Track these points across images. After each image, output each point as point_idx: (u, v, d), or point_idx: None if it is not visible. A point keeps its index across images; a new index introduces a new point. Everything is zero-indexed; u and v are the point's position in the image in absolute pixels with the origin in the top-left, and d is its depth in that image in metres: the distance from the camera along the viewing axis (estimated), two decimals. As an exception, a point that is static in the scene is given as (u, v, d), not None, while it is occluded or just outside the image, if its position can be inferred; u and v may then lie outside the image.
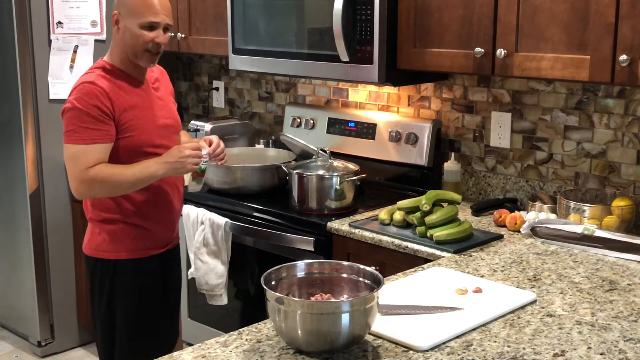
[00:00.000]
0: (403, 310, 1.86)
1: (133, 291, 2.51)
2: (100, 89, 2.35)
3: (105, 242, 2.49)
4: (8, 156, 3.89)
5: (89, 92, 2.34)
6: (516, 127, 2.95)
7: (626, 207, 2.53)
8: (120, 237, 2.48)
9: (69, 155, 2.35)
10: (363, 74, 2.84)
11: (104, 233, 2.49)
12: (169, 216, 2.57)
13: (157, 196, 2.50)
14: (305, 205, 2.88)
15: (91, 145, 2.32)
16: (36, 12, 3.72)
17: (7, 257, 4.06)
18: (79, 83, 2.39)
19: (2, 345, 4.09)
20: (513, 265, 2.27)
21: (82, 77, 2.43)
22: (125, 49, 2.41)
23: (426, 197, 2.53)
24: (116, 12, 2.41)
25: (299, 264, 1.81)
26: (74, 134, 2.32)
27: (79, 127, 2.32)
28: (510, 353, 1.67)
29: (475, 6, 2.57)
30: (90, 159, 2.31)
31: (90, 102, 2.32)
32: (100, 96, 2.34)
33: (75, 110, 2.33)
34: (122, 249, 2.48)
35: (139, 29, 2.38)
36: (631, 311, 1.91)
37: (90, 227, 2.54)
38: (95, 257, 2.51)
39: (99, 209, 2.48)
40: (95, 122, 2.32)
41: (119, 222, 2.47)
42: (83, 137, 2.31)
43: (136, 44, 2.39)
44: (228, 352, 1.67)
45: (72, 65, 3.86)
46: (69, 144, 2.34)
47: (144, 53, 2.41)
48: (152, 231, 2.51)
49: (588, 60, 2.33)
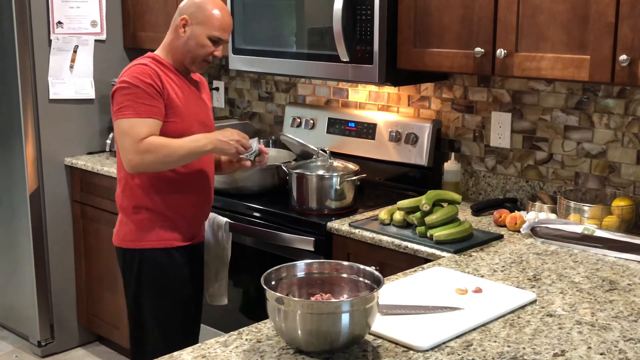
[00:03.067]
0: (403, 310, 1.86)
1: (158, 280, 2.56)
2: (153, 70, 2.44)
3: (132, 231, 2.55)
4: (8, 156, 3.89)
5: (142, 71, 2.42)
6: (516, 127, 2.95)
7: (626, 207, 2.53)
8: (147, 227, 2.53)
9: (122, 129, 2.39)
10: (363, 74, 2.84)
11: (131, 223, 2.55)
12: (196, 212, 2.64)
13: (187, 186, 2.55)
14: (305, 205, 2.88)
15: (145, 119, 2.38)
16: (36, 12, 3.72)
17: (7, 257, 4.06)
18: (130, 66, 2.47)
19: (2, 345, 4.10)
20: (513, 265, 2.27)
21: (131, 63, 2.50)
22: (185, 53, 2.51)
23: (426, 197, 2.53)
24: (186, 17, 2.49)
25: (299, 264, 1.81)
26: (129, 109, 2.38)
27: (134, 102, 2.38)
28: (510, 353, 1.67)
29: (475, 6, 2.57)
30: (143, 131, 2.37)
31: (145, 80, 2.40)
32: (153, 76, 2.42)
33: (130, 88, 2.39)
34: (147, 238, 2.54)
35: (206, 40, 2.49)
36: (631, 311, 1.91)
37: (120, 216, 2.61)
38: (123, 248, 2.58)
39: (128, 196, 2.54)
40: (149, 99, 2.39)
41: (146, 211, 2.52)
42: (138, 111, 2.38)
43: (199, 52, 2.50)
44: (228, 352, 1.67)
45: (72, 65, 3.86)
46: (123, 119, 2.39)
47: (202, 62, 2.54)
48: (180, 222, 2.56)
49: (588, 60, 2.33)
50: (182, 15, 2.51)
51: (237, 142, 2.49)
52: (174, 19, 2.55)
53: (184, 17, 2.50)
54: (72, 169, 3.89)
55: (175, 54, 2.54)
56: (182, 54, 2.52)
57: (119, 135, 2.41)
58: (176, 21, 2.53)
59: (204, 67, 2.57)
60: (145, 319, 2.61)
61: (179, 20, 2.51)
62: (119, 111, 2.40)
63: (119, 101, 2.41)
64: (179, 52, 2.53)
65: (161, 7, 3.79)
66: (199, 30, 2.49)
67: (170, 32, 2.55)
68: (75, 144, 3.93)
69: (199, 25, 2.49)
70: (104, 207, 3.76)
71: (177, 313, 2.62)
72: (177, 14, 2.54)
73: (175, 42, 2.53)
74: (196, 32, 2.49)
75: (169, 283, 2.58)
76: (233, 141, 2.48)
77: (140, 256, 2.56)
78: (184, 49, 2.51)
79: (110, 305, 3.85)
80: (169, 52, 2.54)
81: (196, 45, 2.50)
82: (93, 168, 3.74)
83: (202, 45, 2.50)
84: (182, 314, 2.64)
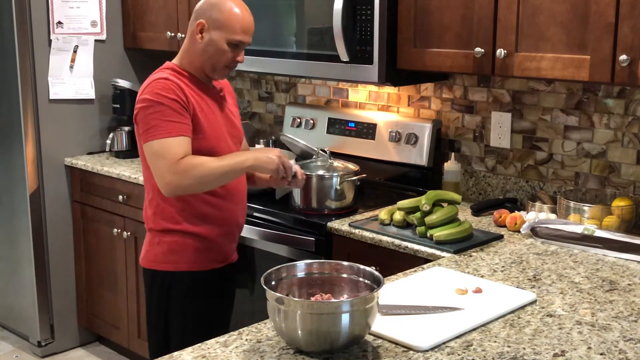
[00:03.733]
0: (403, 310, 1.86)
1: (189, 304, 2.42)
2: (175, 84, 2.27)
3: (163, 253, 2.39)
4: (8, 156, 3.89)
5: (165, 87, 2.25)
6: (516, 127, 2.95)
7: (626, 207, 2.53)
8: (180, 249, 2.38)
9: (155, 152, 2.23)
10: (363, 74, 2.84)
11: (163, 244, 2.39)
12: (231, 230, 2.48)
13: (221, 209, 2.41)
14: (306, 205, 2.88)
15: (177, 137, 2.22)
16: (36, 12, 3.72)
17: (7, 257, 4.06)
18: (151, 81, 2.29)
19: (2, 345, 4.10)
20: (513, 265, 2.27)
21: (150, 77, 2.33)
22: (205, 60, 2.33)
23: (426, 197, 2.53)
24: (203, 22, 2.30)
25: (299, 264, 1.81)
26: (158, 129, 2.22)
27: (162, 121, 2.22)
28: (510, 353, 1.67)
29: (475, 6, 2.57)
30: (178, 151, 2.21)
31: (169, 96, 2.24)
32: (176, 90, 2.26)
33: (154, 106, 2.23)
34: (180, 260, 2.39)
35: (226, 45, 2.30)
36: (631, 311, 1.91)
37: (149, 237, 2.44)
38: (153, 269, 2.43)
39: (160, 218, 2.39)
40: (177, 115, 2.23)
41: (179, 233, 2.37)
42: (168, 130, 2.22)
43: (220, 59, 2.32)
44: (228, 352, 1.67)
45: (72, 65, 3.86)
46: (153, 140, 2.22)
47: (223, 69, 2.36)
48: (213, 244, 2.42)
49: (588, 60, 2.33)
50: (198, 20, 2.31)
51: (278, 158, 2.32)
52: (190, 23, 2.35)
53: (201, 22, 2.30)
54: (72, 169, 3.89)
55: (194, 62, 2.35)
56: (202, 62, 2.34)
57: (153, 158, 2.24)
58: (192, 26, 2.34)
59: (226, 73, 2.39)
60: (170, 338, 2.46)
61: (195, 25, 2.32)
62: (148, 133, 2.23)
63: (145, 122, 2.24)
64: (197, 59, 2.34)
65: (161, 7, 3.79)
66: (218, 36, 2.30)
67: (187, 39, 2.37)
68: (75, 144, 3.93)
69: (217, 30, 2.29)
70: (104, 207, 3.76)
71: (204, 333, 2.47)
72: (193, 17, 2.34)
73: (193, 49, 2.34)
74: (215, 38, 2.30)
75: (199, 306, 2.44)
76: (275, 156, 2.32)
77: (171, 279, 2.40)
78: (202, 56, 2.33)
79: (110, 305, 3.85)
80: (188, 60, 2.36)
81: (216, 51, 2.31)
82: (93, 168, 3.74)
83: (222, 52, 2.31)
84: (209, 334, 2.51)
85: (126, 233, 3.64)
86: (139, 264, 2.48)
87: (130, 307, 3.72)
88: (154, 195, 2.39)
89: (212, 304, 2.48)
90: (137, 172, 3.59)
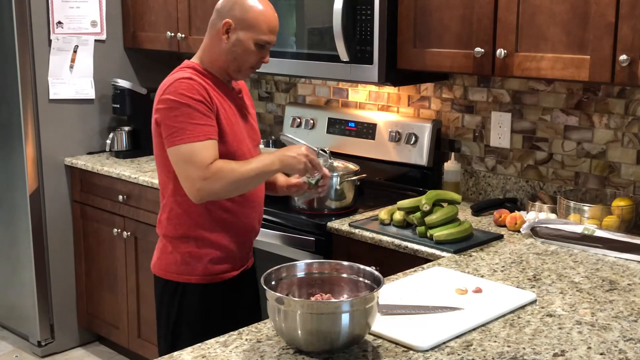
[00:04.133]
0: (403, 310, 1.86)
1: (201, 315, 2.33)
2: (199, 85, 2.17)
3: (176, 263, 2.30)
4: (8, 156, 3.89)
5: (189, 87, 2.15)
6: (516, 127, 2.95)
7: (626, 207, 2.53)
8: (194, 261, 2.29)
9: (182, 157, 2.13)
10: (363, 74, 2.84)
11: (176, 253, 2.30)
12: (248, 237, 2.41)
13: (238, 215, 2.33)
14: (306, 205, 2.88)
15: (205, 141, 2.13)
16: (36, 12, 3.72)
17: (7, 257, 4.06)
18: (173, 80, 2.18)
19: (2, 345, 4.10)
20: (513, 265, 2.27)
21: (170, 77, 2.23)
22: (230, 60, 2.25)
23: (426, 197, 2.53)
24: (229, 21, 2.21)
25: (299, 264, 1.81)
26: (186, 133, 2.12)
27: (189, 124, 2.12)
28: (510, 353, 1.67)
29: (475, 6, 2.57)
30: (207, 156, 2.12)
31: (195, 97, 2.14)
32: (201, 91, 2.16)
33: (179, 108, 2.13)
34: (195, 271, 2.30)
35: (253, 45, 2.22)
36: (631, 311, 1.91)
37: (162, 244, 2.35)
38: (165, 279, 2.33)
39: (175, 224, 2.29)
40: (204, 118, 2.14)
41: (195, 241, 2.28)
42: (196, 134, 2.12)
43: (246, 60, 2.24)
44: (228, 352, 1.67)
45: (72, 65, 3.86)
46: (180, 145, 2.13)
47: (248, 70, 2.28)
48: (229, 252, 2.33)
49: (588, 60, 2.33)
50: (223, 19, 2.22)
51: (305, 157, 2.24)
52: (213, 22, 2.26)
53: (227, 21, 2.21)
54: (72, 169, 3.89)
55: (217, 62, 2.26)
56: (226, 62, 2.25)
57: (180, 163, 2.15)
58: (217, 25, 2.24)
59: (249, 74, 2.31)
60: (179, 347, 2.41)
61: (220, 24, 2.23)
62: (173, 136, 2.13)
63: (169, 125, 2.14)
64: (221, 60, 2.25)
65: (161, 7, 3.79)
66: (245, 36, 2.21)
67: (210, 38, 2.27)
68: (75, 144, 3.93)
69: (244, 30, 2.20)
70: (104, 207, 3.76)
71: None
72: (216, 15, 2.26)
73: (217, 49, 2.25)
74: (242, 38, 2.21)
75: (212, 316, 2.34)
76: (302, 156, 2.23)
77: (183, 289, 2.31)
78: (228, 56, 2.24)
79: (110, 305, 3.85)
80: (210, 59, 2.27)
81: (243, 51, 2.22)
82: (93, 168, 3.74)
83: (249, 52, 2.22)
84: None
85: (126, 233, 3.64)
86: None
87: (130, 307, 3.72)
88: (169, 200, 2.30)
89: (225, 313, 2.38)
90: (137, 172, 3.59)
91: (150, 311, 3.63)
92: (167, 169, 2.25)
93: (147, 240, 3.56)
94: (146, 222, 3.53)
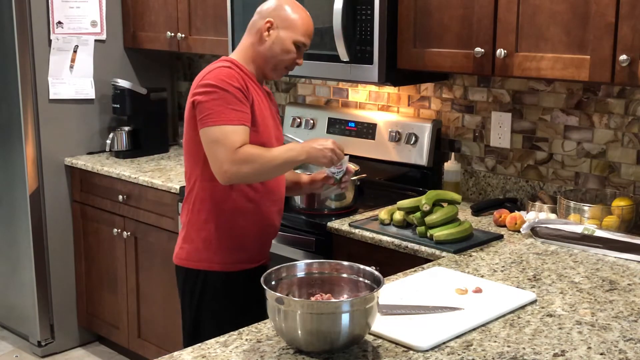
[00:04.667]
0: (403, 310, 1.86)
1: (222, 303, 2.40)
2: (238, 74, 2.29)
3: (198, 249, 2.38)
4: (8, 156, 3.89)
5: (229, 74, 2.27)
6: (516, 127, 2.95)
7: (626, 207, 2.53)
8: (214, 247, 2.37)
9: (214, 138, 2.22)
10: (363, 74, 2.84)
11: (198, 240, 2.38)
12: (266, 230, 2.47)
13: (259, 206, 2.40)
14: (306, 205, 2.88)
15: (237, 126, 2.22)
16: (36, 12, 3.72)
17: (7, 257, 4.06)
18: (213, 68, 2.29)
19: (2, 345, 4.10)
20: (513, 265, 2.27)
21: (210, 66, 2.33)
22: (268, 58, 2.36)
23: (426, 197, 2.53)
24: (272, 20, 2.33)
25: (299, 264, 1.82)
26: (221, 115, 2.21)
27: (225, 108, 2.22)
28: (510, 353, 1.67)
29: (475, 6, 2.57)
30: (237, 140, 2.21)
31: (234, 84, 2.24)
32: (240, 79, 2.27)
33: (218, 92, 2.23)
34: (214, 259, 2.37)
35: (292, 45, 2.34)
36: (631, 311, 1.91)
37: (184, 233, 2.43)
38: (186, 267, 2.41)
39: (198, 209, 2.37)
40: (240, 104, 2.24)
41: (217, 226, 2.36)
42: (230, 118, 2.22)
43: (283, 58, 2.35)
44: (228, 352, 1.67)
45: (72, 65, 3.86)
46: (213, 126, 2.21)
47: (283, 70, 2.39)
48: (246, 242, 2.40)
49: (588, 60, 2.33)
50: (266, 18, 2.34)
51: (331, 150, 2.33)
52: (254, 22, 2.38)
53: (269, 20, 2.33)
54: (72, 169, 3.89)
55: (256, 60, 2.36)
56: (265, 60, 2.36)
57: (211, 144, 2.23)
58: (258, 24, 2.36)
59: (283, 75, 2.43)
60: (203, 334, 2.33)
61: (262, 23, 2.34)
62: (208, 117, 2.22)
63: (206, 107, 2.23)
64: (261, 57, 2.36)
65: (161, 7, 3.79)
66: (285, 35, 2.33)
67: (251, 36, 2.38)
68: (75, 144, 3.93)
69: (285, 29, 2.33)
70: (104, 207, 3.76)
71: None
72: (258, 17, 2.38)
73: (258, 46, 2.35)
74: (282, 37, 2.33)
75: (231, 307, 2.40)
76: (327, 149, 2.32)
77: (204, 277, 2.38)
78: (267, 54, 2.35)
79: (110, 305, 3.85)
80: (250, 57, 2.37)
81: (281, 50, 2.34)
82: (93, 168, 3.74)
83: (287, 51, 2.34)
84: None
85: (126, 233, 3.64)
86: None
87: (130, 307, 3.72)
88: (195, 185, 2.37)
89: (245, 303, 2.41)
90: (137, 172, 3.59)
91: (150, 311, 3.63)
92: (196, 153, 2.32)
93: (147, 240, 3.56)
94: (146, 222, 3.53)
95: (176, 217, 3.31)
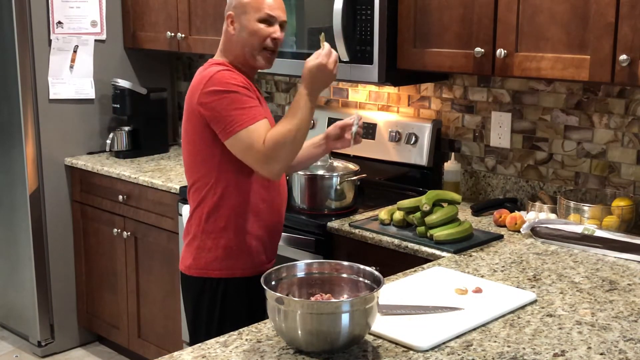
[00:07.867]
0: (403, 310, 1.86)
1: (244, 310, 2.34)
2: (237, 73, 2.27)
3: (218, 258, 2.32)
4: (8, 156, 3.89)
5: (231, 76, 2.24)
6: (516, 127, 2.95)
7: (626, 207, 2.53)
8: (235, 254, 2.33)
9: (243, 144, 2.19)
10: (363, 74, 2.84)
11: (218, 248, 2.32)
12: (277, 227, 2.46)
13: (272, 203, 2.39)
14: (306, 205, 2.88)
15: (258, 122, 2.20)
16: (36, 12, 3.72)
17: (7, 257, 4.06)
18: (212, 73, 2.24)
19: (2, 345, 4.10)
20: (513, 265, 2.27)
21: (204, 72, 2.28)
22: (242, 48, 2.31)
23: (426, 197, 2.53)
24: (231, 13, 2.32)
25: (299, 264, 1.81)
26: (243, 117, 2.19)
27: (242, 109, 2.19)
28: (510, 353, 1.67)
29: (475, 6, 2.57)
30: (261, 134, 2.18)
31: (238, 84, 2.22)
32: (240, 77, 2.25)
33: (230, 95, 2.20)
34: (237, 265, 2.33)
35: (257, 23, 2.29)
36: (631, 311, 1.91)
37: (198, 242, 2.35)
38: (204, 277, 2.34)
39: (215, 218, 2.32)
40: (250, 100, 2.22)
41: (236, 232, 2.32)
42: (249, 118, 2.19)
43: (254, 40, 2.29)
44: (228, 352, 1.67)
45: (72, 65, 3.86)
46: (238, 132, 2.19)
47: (262, 51, 2.32)
48: (264, 242, 2.38)
49: (588, 60, 2.33)
50: (227, 13, 2.34)
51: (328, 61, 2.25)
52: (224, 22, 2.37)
53: (229, 14, 2.32)
54: (72, 169, 3.89)
55: (237, 55, 2.33)
56: (241, 51, 2.31)
57: (243, 151, 2.21)
58: (225, 23, 2.36)
59: (268, 58, 2.34)
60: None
61: (225, 19, 2.35)
62: (231, 125, 2.18)
63: (224, 115, 2.19)
64: (237, 50, 2.32)
65: (161, 7, 3.79)
66: (246, 19, 2.29)
67: (223, 36, 2.37)
68: (75, 144, 3.93)
69: (244, 14, 2.29)
70: (104, 207, 3.76)
71: None
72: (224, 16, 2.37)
73: (230, 42, 2.34)
74: (244, 22, 2.29)
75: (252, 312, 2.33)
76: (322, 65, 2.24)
77: (225, 285, 2.33)
78: (238, 44, 2.31)
79: (110, 305, 3.85)
80: (229, 54, 2.34)
81: (249, 34, 2.29)
82: (93, 168, 3.74)
83: (254, 32, 2.29)
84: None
85: (126, 233, 3.64)
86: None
87: (130, 307, 3.72)
88: (208, 194, 2.31)
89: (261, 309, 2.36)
90: (137, 172, 3.59)
91: (150, 311, 3.63)
92: (208, 162, 2.30)
93: (147, 240, 3.56)
94: (146, 222, 3.53)
95: (176, 217, 3.31)
